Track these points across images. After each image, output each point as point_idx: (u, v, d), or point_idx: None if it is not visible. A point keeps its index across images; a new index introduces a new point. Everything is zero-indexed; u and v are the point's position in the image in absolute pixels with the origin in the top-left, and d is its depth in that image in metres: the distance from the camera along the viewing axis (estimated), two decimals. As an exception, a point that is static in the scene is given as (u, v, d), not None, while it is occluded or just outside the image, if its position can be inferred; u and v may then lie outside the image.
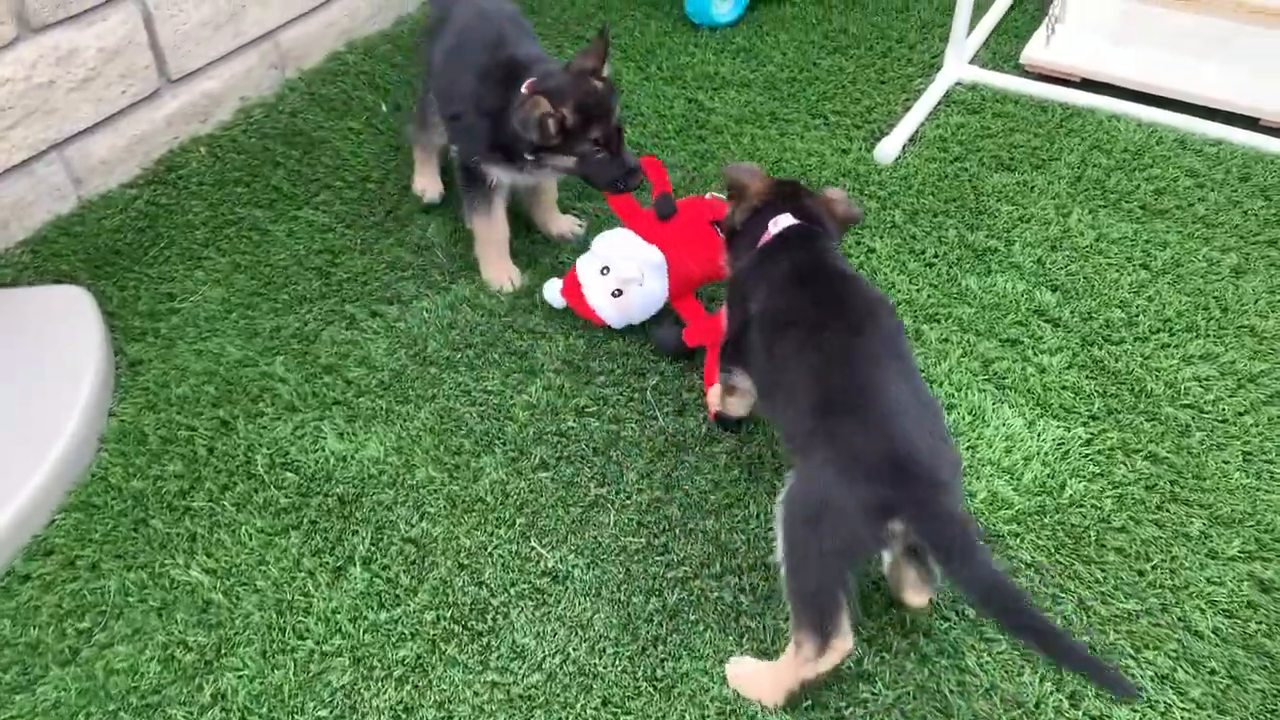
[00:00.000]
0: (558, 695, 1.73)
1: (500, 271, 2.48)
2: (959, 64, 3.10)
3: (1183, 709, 1.71)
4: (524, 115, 2.16)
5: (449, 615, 1.84)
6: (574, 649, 1.79)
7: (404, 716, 1.71)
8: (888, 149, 2.83)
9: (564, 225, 2.61)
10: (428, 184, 2.72)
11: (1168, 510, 1.99)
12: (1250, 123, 2.88)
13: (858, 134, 2.94)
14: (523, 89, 2.20)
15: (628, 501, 2.02)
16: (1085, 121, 2.94)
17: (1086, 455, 2.08)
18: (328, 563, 1.92)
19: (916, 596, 1.77)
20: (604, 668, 1.77)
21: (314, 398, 2.22)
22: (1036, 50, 3.08)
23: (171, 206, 2.71)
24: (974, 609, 1.80)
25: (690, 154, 2.87)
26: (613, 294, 2.27)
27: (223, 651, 1.80)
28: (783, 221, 1.95)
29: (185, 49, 2.81)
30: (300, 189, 2.77)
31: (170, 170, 2.82)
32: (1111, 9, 3.17)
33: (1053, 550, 1.92)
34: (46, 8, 2.46)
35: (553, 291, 2.37)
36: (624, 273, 2.26)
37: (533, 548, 1.94)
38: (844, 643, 1.63)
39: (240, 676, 1.76)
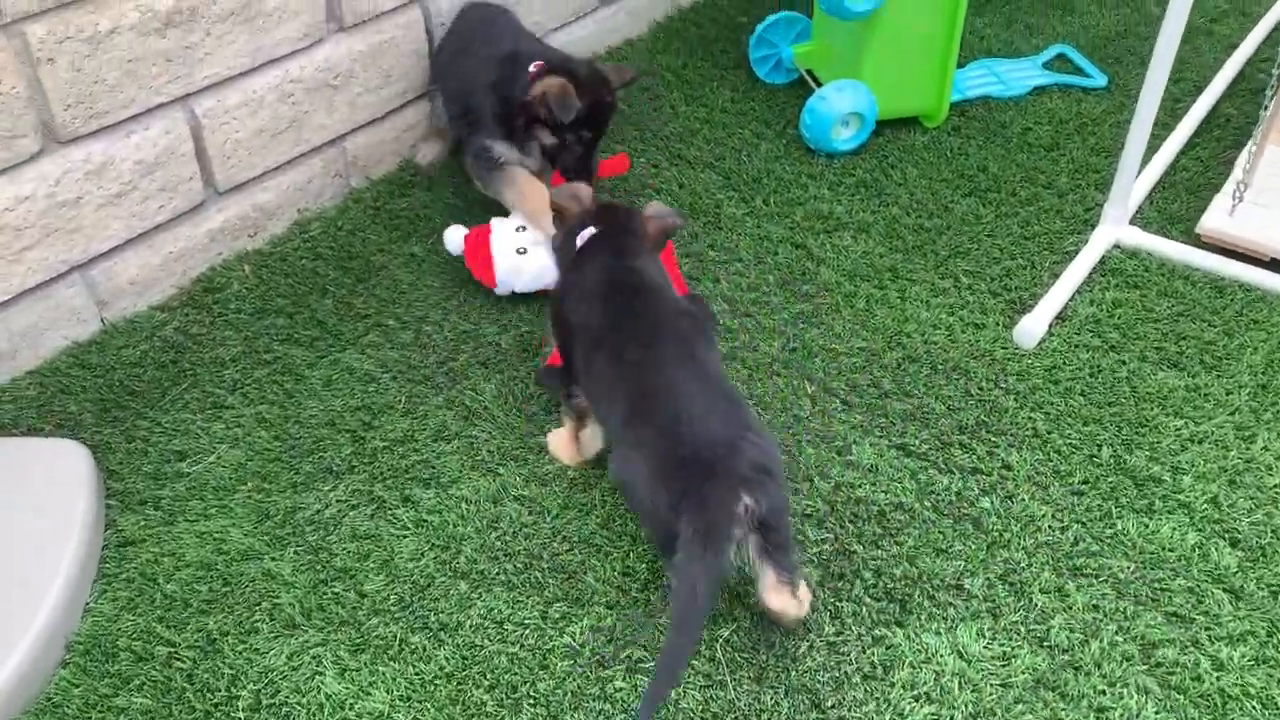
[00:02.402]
0: None
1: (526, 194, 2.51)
2: (1119, 223, 2.64)
3: None
4: (548, 92, 2.40)
5: None
6: None
7: None
8: (1030, 329, 2.39)
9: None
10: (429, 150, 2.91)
11: None
12: None
13: (994, 304, 2.50)
14: (537, 69, 2.48)
15: (679, 810, 1.60)
16: (1273, 311, 2.45)
17: (1281, 808, 1.60)
18: None
19: (774, 597, 1.73)
20: None
21: (320, 613, 1.86)
22: (1217, 219, 2.60)
23: (202, 337, 2.41)
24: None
25: (792, 315, 2.46)
26: (517, 250, 2.38)
27: None
28: (586, 234, 2.05)
29: (237, 158, 2.51)
30: (347, 326, 2.44)
31: (208, 291, 2.52)
32: (1310, 174, 2.68)
33: None
34: (79, 118, 2.18)
35: (454, 236, 2.47)
36: (539, 236, 2.37)
37: None
38: None
39: None
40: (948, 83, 3.00)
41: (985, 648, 1.81)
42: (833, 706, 1.73)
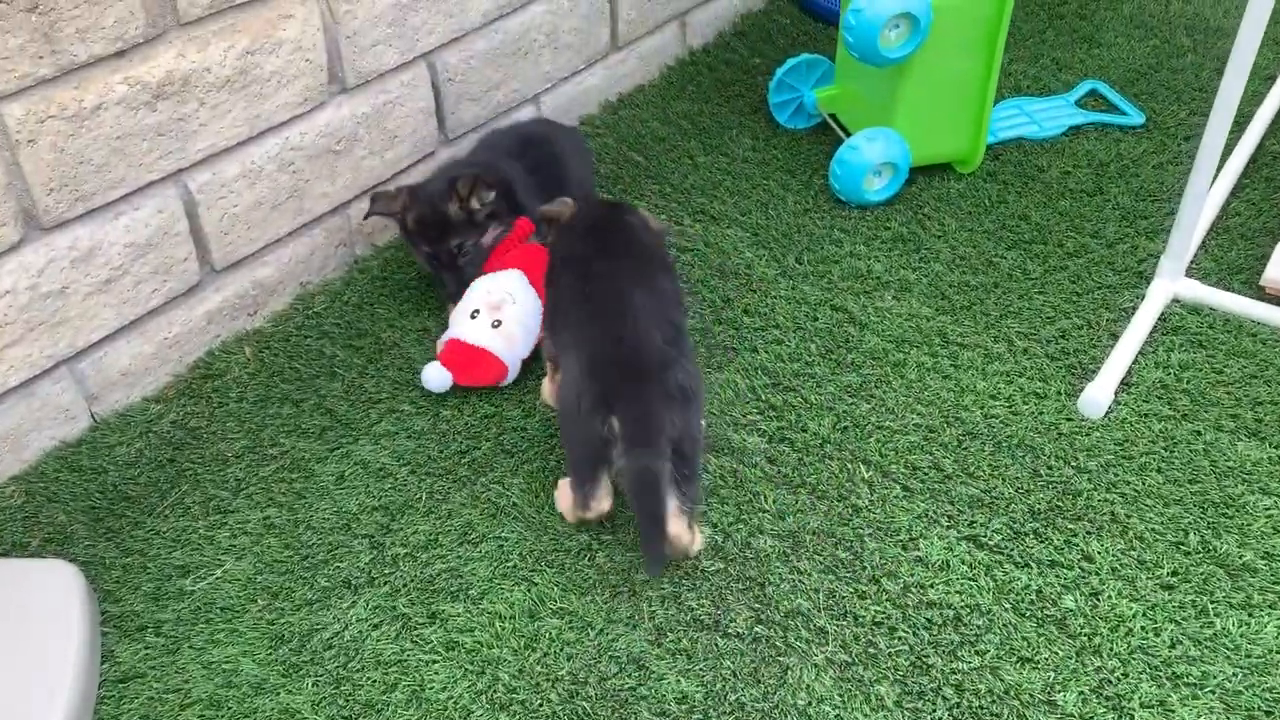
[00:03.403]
0: None
1: None
2: (1176, 276, 2.48)
3: None
4: (384, 204, 2.38)
5: None
6: None
7: None
8: (1096, 398, 2.22)
9: None
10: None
11: None
12: None
13: (1053, 369, 2.33)
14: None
15: None
16: (1352, 371, 2.29)
17: None
18: None
19: (672, 522, 1.78)
20: None
21: (345, 758, 1.67)
22: (1283, 271, 2.44)
23: (201, 431, 2.22)
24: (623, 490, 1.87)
25: (839, 389, 2.28)
26: (492, 325, 2.24)
27: None
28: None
29: (235, 234, 2.33)
30: (359, 413, 2.25)
31: (207, 378, 2.33)
32: (1380, 219, 2.53)
33: None
34: (63, 202, 2.00)
35: (433, 372, 2.24)
36: (493, 299, 2.28)
37: None
38: (599, 505, 1.88)
39: None
40: (984, 126, 2.84)
41: (1088, 777, 1.63)
42: None
